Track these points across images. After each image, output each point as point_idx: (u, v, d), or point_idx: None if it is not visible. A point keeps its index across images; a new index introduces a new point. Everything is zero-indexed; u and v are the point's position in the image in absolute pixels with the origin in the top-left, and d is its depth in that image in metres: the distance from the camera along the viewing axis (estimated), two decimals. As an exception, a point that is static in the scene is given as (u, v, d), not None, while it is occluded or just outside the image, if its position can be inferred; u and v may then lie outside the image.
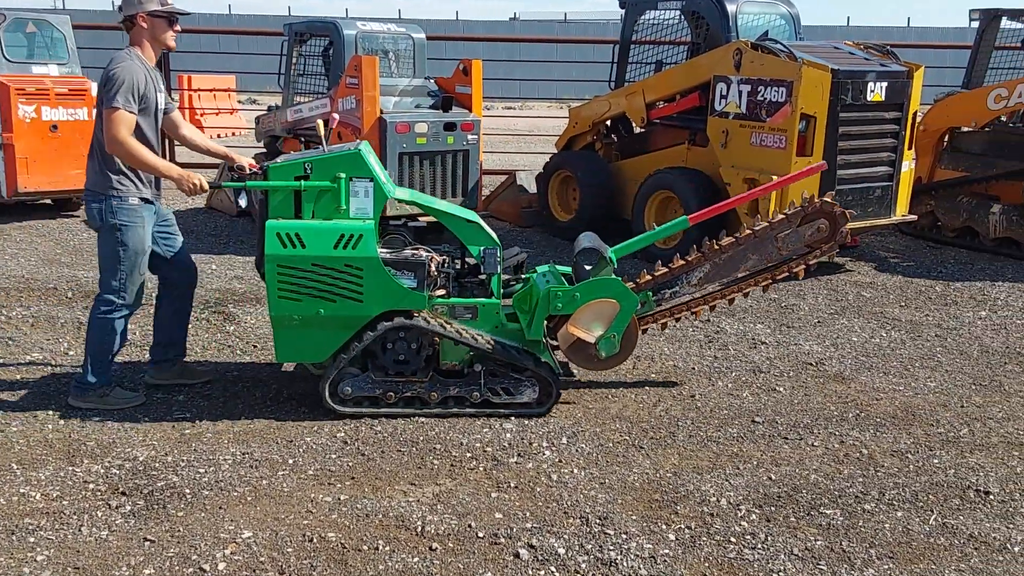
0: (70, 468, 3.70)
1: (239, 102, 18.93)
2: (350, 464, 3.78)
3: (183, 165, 11.44)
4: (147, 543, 3.16)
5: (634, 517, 3.41)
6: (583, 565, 3.09)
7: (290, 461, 3.79)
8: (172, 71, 11.56)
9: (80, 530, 3.24)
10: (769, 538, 3.28)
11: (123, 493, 3.51)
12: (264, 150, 8.77)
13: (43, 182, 8.41)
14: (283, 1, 66.08)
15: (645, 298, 4.57)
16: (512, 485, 3.63)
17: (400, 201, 4.41)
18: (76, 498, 3.46)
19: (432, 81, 8.09)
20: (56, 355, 5.01)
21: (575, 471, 3.77)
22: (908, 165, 7.18)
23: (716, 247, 4.63)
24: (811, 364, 5.13)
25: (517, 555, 3.14)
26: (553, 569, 3.07)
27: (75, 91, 8.52)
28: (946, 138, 8.44)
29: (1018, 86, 7.76)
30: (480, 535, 3.25)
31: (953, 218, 8.10)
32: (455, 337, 4.16)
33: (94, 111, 4.33)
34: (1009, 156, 7.92)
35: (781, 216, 4.64)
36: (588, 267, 4.36)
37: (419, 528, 3.28)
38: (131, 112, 4.05)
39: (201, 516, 3.35)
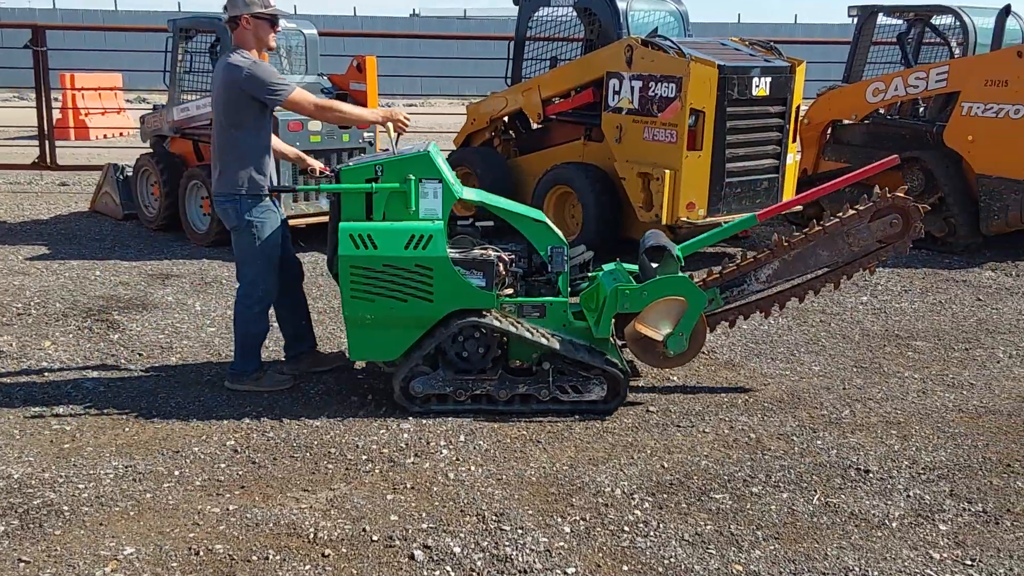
0: (-64, 491, 3.49)
1: (127, 101, 18.24)
2: (240, 473, 3.68)
3: (61, 166, 10.92)
4: (22, 564, 3.01)
5: (530, 511, 3.42)
6: (478, 563, 3.09)
7: (176, 472, 3.67)
8: (52, 70, 11.01)
9: (-53, 556, 3.06)
10: (661, 525, 3.34)
11: (-5, 514, 3.33)
12: (151, 151, 8.46)
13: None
14: (174, -3, 63.07)
15: (713, 295, 4.57)
16: (408, 486, 3.60)
17: (468, 202, 4.42)
18: (-57, 522, 3.27)
19: (326, 78, 7.95)
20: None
21: (472, 468, 3.76)
22: (792, 157, 7.43)
23: (785, 244, 4.56)
24: (703, 352, 5.23)
25: (412, 556, 3.11)
26: (448, 569, 3.05)
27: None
28: (829, 131, 8.77)
29: (894, 79, 8.12)
30: (374, 538, 3.21)
31: (836, 208, 8.37)
32: (526, 336, 4.18)
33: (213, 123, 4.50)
34: (887, 147, 8.25)
35: (852, 212, 4.56)
36: (655, 265, 4.38)
37: (311, 535, 3.22)
38: (296, 87, 4.30)
39: (80, 534, 3.20)
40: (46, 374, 4.71)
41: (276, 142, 4.65)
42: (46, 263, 6.96)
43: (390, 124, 4.40)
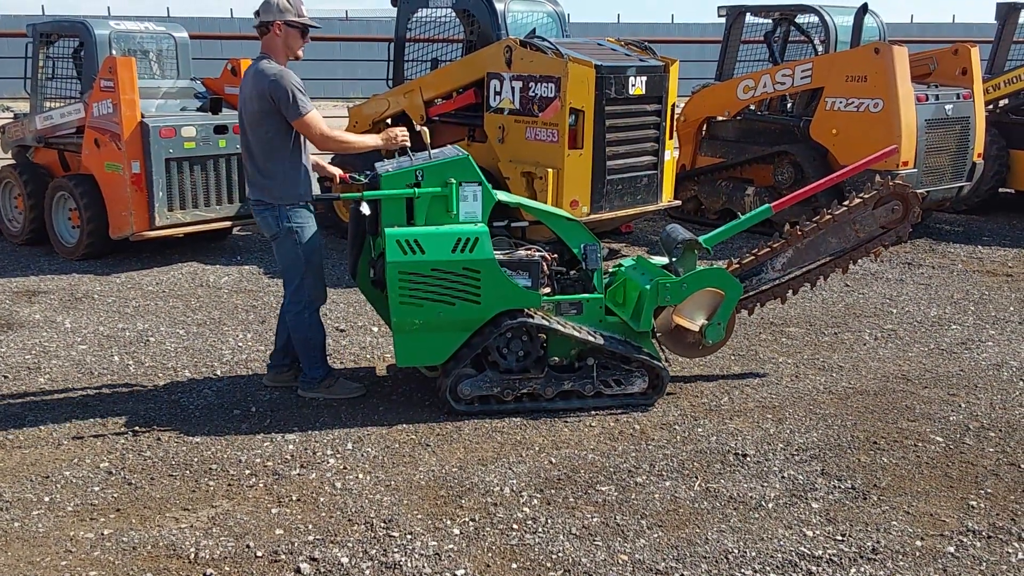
0: None
1: (-12, 109, 17.24)
2: (115, 495, 3.53)
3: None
4: None
5: (419, 516, 3.41)
6: (367, 572, 3.06)
7: (46, 499, 3.49)
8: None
9: None
10: (549, 521, 3.39)
11: None
12: (13, 162, 8.02)
13: None
14: (37, 0, 58.68)
15: None
16: (294, 498, 3.53)
17: (505, 203, 4.43)
18: None
19: (199, 82, 7.71)
20: None
21: (360, 476, 3.72)
22: (670, 154, 7.63)
23: (799, 233, 4.75)
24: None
25: (298, 570, 3.05)
26: (336, 579, 3.01)
27: None
28: (704, 127, 9.06)
29: (763, 77, 8.46)
30: (259, 554, 3.14)
31: (714, 201, 8.72)
32: (574, 334, 4.25)
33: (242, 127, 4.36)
34: (759, 142, 8.63)
35: (858, 200, 4.79)
36: (674, 258, 4.47)
37: (192, 555, 3.12)
38: (314, 109, 4.22)
39: (-61, 572, 3.02)
40: (-101, 403, 4.42)
41: None
42: (-102, 284, 6.51)
43: (426, 131, 4.38)
